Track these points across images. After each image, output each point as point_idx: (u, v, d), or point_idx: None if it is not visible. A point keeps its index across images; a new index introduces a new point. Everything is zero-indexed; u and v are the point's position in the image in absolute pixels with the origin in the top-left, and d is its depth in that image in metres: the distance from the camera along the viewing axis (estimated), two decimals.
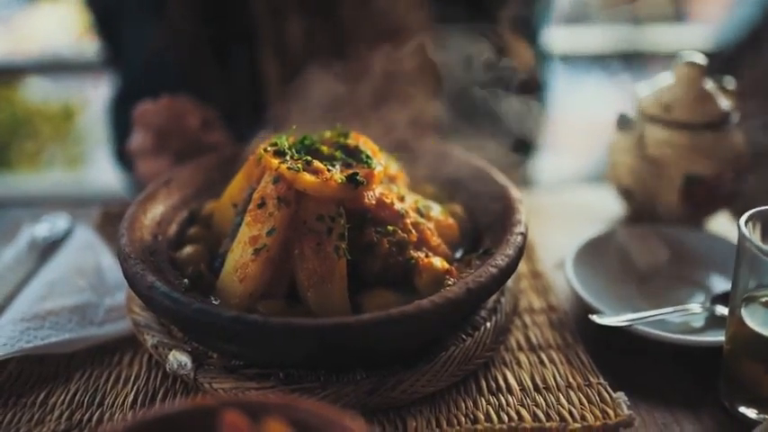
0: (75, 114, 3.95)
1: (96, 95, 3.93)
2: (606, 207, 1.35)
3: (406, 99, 1.44)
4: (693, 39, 3.68)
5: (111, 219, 1.26)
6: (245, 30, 1.48)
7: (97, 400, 0.85)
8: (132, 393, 0.86)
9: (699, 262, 1.11)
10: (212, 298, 0.86)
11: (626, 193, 1.20)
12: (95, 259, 1.09)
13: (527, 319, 0.99)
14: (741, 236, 0.79)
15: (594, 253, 1.10)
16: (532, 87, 1.65)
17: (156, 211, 0.98)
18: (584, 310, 1.01)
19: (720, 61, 1.19)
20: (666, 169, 1.16)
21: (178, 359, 0.84)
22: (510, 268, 0.84)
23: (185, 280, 0.85)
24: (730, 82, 1.24)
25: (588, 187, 1.62)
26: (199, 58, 1.48)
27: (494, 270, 0.82)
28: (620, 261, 1.10)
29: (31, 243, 1.14)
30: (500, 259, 0.84)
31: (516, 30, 1.61)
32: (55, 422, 0.81)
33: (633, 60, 3.91)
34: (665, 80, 1.22)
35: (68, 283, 1.01)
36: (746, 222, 0.80)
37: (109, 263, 1.09)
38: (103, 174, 3.54)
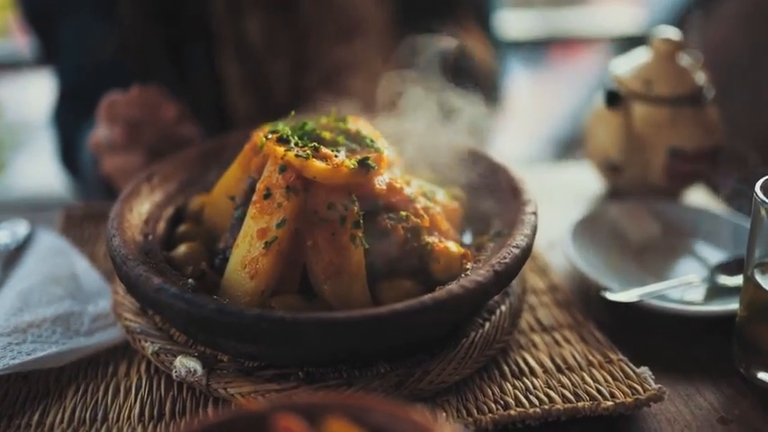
0: None
1: (12, 98, 3.71)
2: (582, 184, 1.35)
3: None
4: (607, 21, 3.77)
5: (74, 222, 1.18)
6: (202, 28, 1.41)
7: (99, 415, 0.78)
8: (137, 405, 0.79)
9: (687, 233, 1.13)
10: (216, 298, 0.80)
11: (612, 169, 1.20)
12: (68, 265, 1.01)
13: (533, 300, 0.98)
14: (757, 202, 0.80)
15: (588, 230, 1.09)
16: (488, 81, 1.63)
17: (143, 208, 0.91)
18: (587, 287, 1.00)
19: None
20: (650, 144, 1.17)
21: (186, 365, 0.78)
22: (529, 248, 0.83)
23: (189, 280, 0.79)
24: (698, 57, 1.26)
25: (559, 166, 1.62)
26: (152, 59, 1.39)
27: (516, 251, 0.80)
28: (613, 237, 1.10)
29: None
30: (520, 239, 0.81)
31: (475, 21, 1.60)
32: None
33: (546, 45, 3.98)
34: (641, 57, 1.22)
35: (44, 292, 0.93)
36: (761, 189, 0.81)
37: (83, 268, 1.01)
38: (28, 179, 3.35)
